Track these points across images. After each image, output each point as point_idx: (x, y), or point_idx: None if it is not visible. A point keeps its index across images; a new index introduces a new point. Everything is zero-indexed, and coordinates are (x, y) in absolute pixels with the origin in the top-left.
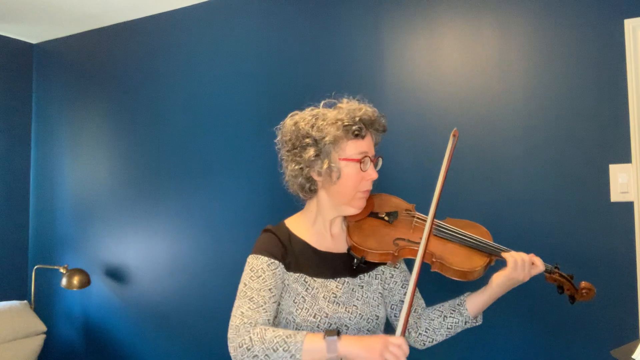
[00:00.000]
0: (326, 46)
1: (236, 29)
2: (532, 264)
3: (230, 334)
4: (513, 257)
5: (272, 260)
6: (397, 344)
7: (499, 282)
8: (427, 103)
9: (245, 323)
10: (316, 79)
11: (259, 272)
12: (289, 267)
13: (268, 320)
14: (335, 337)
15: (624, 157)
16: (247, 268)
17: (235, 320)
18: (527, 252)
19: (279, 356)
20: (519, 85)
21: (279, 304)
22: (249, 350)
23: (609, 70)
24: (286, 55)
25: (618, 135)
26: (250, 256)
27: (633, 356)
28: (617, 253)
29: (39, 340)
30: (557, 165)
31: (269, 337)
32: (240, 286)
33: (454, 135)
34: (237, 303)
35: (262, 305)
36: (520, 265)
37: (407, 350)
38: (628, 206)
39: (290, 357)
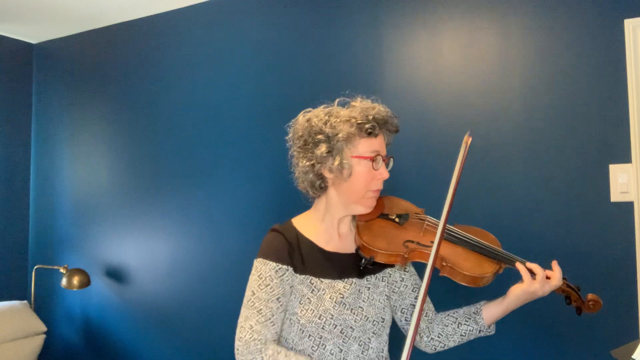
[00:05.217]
0: (327, 45)
1: (236, 28)
2: (547, 277)
3: (239, 346)
4: (525, 271)
5: (280, 265)
6: None
7: (517, 294)
8: (427, 103)
9: (256, 339)
10: (317, 78)
11: (267, 280)
12: (296, 269)
13: (276, 332)
14: None
15: (624, 157)
16: (254, 273)
17: (244, 333)
18: (527, 252)
19: None
20: (519, 85)
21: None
22: None
23: (609, 70)
24: (286, 55)
25: (618, 135)
26: (257, 260)
27: (633, 356)
28: (617, 253)
29: (39, 340)
30: (557, 165)
31: None
32: (248, 293)
33: (466, 142)
34: (245, 312)
35: (270, 319)
36: (538, 280)
37: None
38: (628, 206)
39: None
